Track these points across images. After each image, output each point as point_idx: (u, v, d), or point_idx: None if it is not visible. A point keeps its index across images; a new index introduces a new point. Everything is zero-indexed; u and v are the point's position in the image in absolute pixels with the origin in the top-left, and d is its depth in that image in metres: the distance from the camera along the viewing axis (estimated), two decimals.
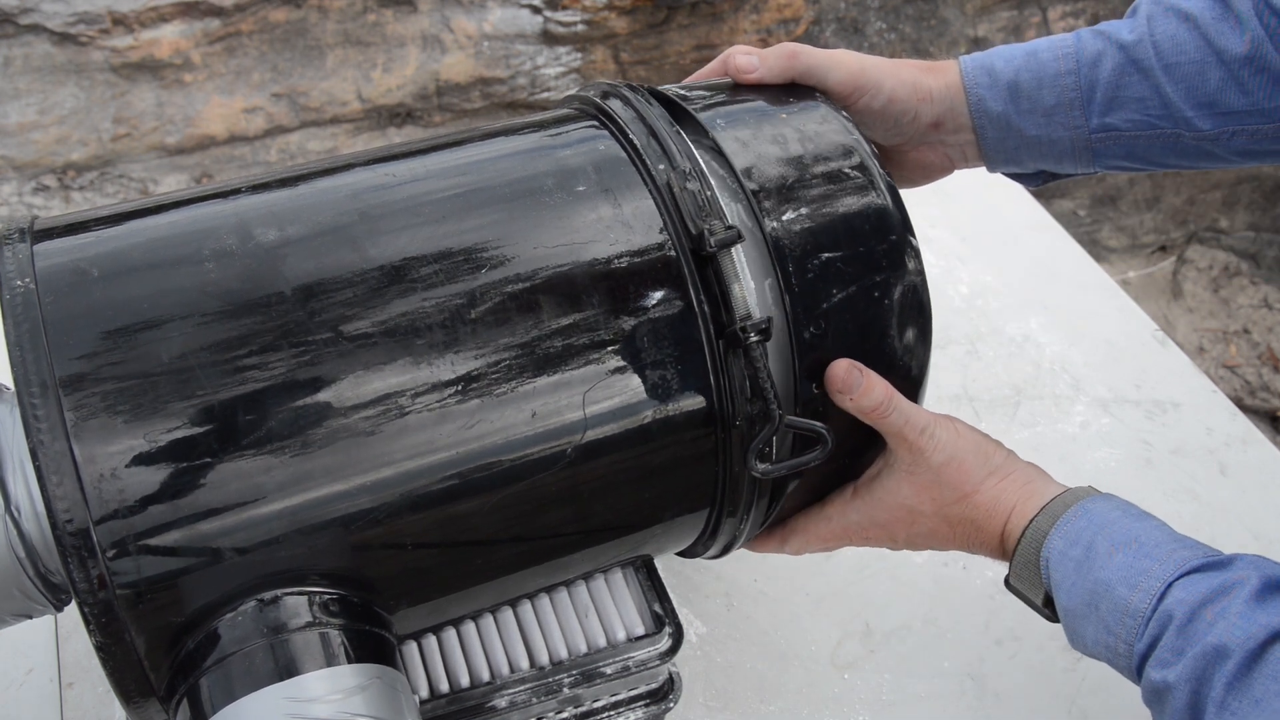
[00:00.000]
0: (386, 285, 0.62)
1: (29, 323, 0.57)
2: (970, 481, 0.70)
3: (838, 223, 0.67)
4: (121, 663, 0.57)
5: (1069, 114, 0.78)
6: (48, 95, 2.33)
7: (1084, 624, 0.64)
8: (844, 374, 0.67)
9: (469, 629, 0.75)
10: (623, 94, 0.74)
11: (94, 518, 0.55)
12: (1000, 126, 0.80)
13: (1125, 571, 0.62)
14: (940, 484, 0.70)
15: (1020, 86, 0.78)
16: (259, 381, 0.58)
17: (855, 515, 0.73)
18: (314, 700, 0.57)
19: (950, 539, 0.72)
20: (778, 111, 0.73)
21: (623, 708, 0.78)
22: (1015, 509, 0.69)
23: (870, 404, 0.67)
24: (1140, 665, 0.62)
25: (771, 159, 0.69)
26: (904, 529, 0.73)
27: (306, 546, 0.59)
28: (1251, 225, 2.68)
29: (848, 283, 0.67)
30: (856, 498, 0.73)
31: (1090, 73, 0.77)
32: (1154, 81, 0.76)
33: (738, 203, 0.68)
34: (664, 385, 0.65)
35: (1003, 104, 0.79)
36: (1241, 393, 2.40)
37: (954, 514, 0.71)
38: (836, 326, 0.67)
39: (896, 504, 0.72)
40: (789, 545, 0.77)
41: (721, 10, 2.57)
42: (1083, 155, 0.80)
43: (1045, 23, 2.76)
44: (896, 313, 0.68)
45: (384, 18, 2.46)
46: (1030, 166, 0.83)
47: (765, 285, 0.67)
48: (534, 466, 0.63)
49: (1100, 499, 0.67)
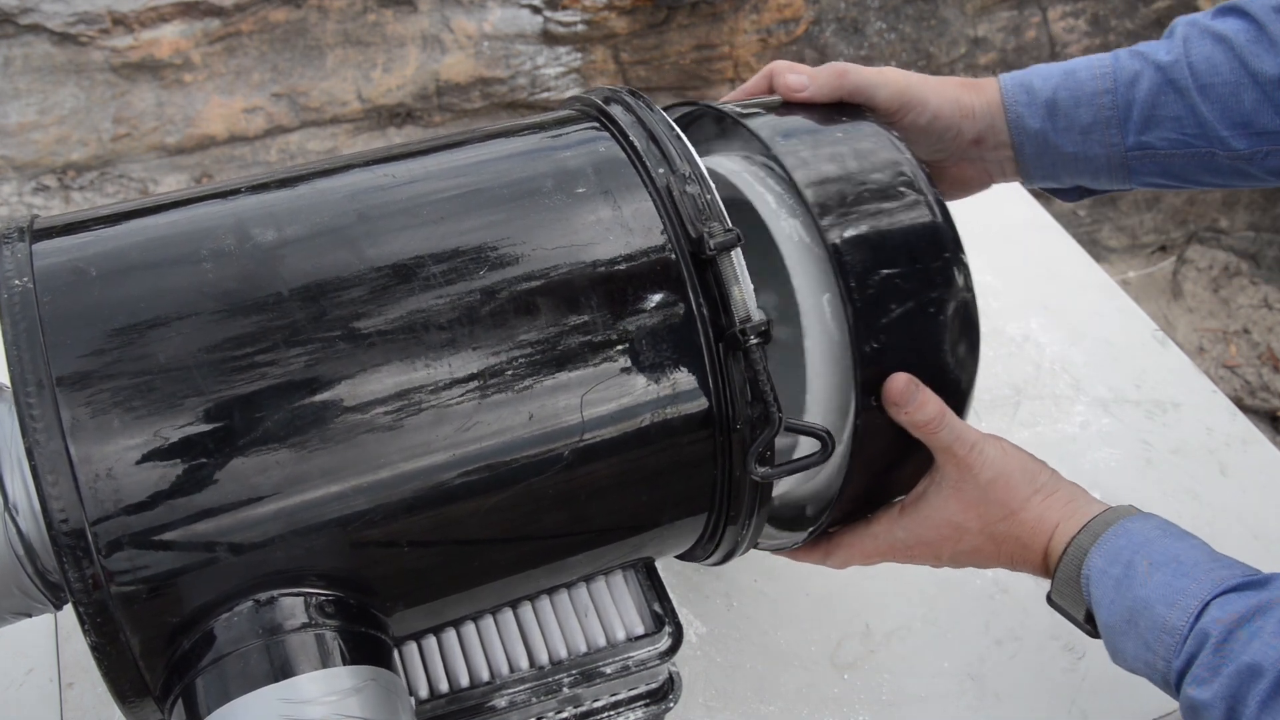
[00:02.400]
0: (385, 287, 0.62)
1: (26, 322, 0.57)
2: (1016, 499, 0.71)
3: (895, 239, 0.68)
4: (117, 662, 0.57)
5: (1105, 132, 0.79)
6: (48, 95, 2.33)
7: (1124, 640, 0.65)
8: (902, 388, 0.67)
9: (468, 629, 0.75)
10: (624, 99, 0.74)
11: (89, 517, 0.55)
12: (1038, 143, 0.81)
13: (1164, 590, 0.63)
14: (987, 501, 0.71)
15: (1058, 104, 0.80)
16: (256, 382, 0.58)
17: (901, 533, 0.74)
18: (309, 701, 0.57)
19: (994, 556, 0.73)
20: (832, 130, 0.73)
21: (623, 707, 0.78)
22: (1059, 527, 0.70)
23: (924, 418, 0.68)
24: (1178, 682, 0.63)
25: (830, 176, 0.69)
26: (949, 547, 0.73)
27: (303, 547, 0.59)
28: (1251, 225, 2.68)
29: (905, 299, 0.67)
30: (904, 515, 0.73)
31: (1127, 92, 0.79)
32: (1189, 101, 0.77)
33: (795, 218, 0.69)
34: (663, 388, 0.65)
35: (1040, 121, 0.80)
36: (1241, 393, 2.40)
37: (999, 531, 0.71)
38: (894, 341, 0.67)
39: (943, 521, 0.72)
40: (833, 559, 0.77)
41: (721, 10, 2.57)
42: (1118, 172, 0.81)
43: (1045, 23, 2.75)
44: (949, 329, 0.69)
45: (384, 18, 2.45)
46: (1067, 182, 0.85)
47: (824, 300, 0.68)
48: (531, 469, 0.63)
49: (1140, 518, 0.68)
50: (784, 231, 0.69)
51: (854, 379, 0.67)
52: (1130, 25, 2.80)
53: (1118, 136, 0.79)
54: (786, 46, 2.65)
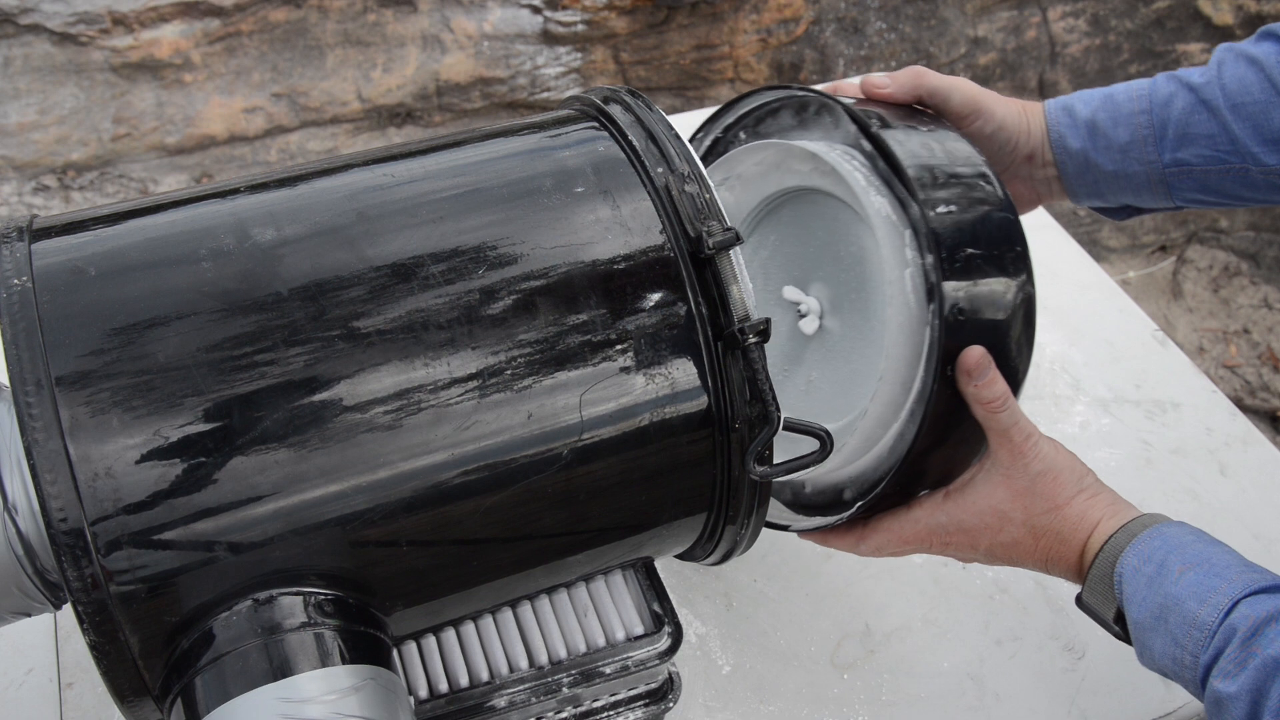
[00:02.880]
0: (384, 286, 0.62)
1: (25, 321, 0.57)
2: (1062, 495, 0.72)
3: (978, 224, 0.71)
4: (116, 662, 0.57)
5: (1143, 149, 0.84)
6: (48, 95, 2.33)
7: (1152, 636, 0.67)
8: (979, 358, 0.69)
9: (468, 629, 0.75)
10: (623, 98, 0.74)
11: (88, 517, 0.55)
12: (1079, 162, 0.86)
13: (1195, 588, 0.65)
14: (1034, 493, 0.72)
15: (1098, 125, 0.85)
16: (255, 381, 0.58)
17: (944, 517, 0.75)
18: (308, 700, 0.57)
19: (1031, 551, 0.74)
20: (917, 124, 0.77)
21: (622, 707, 0.78)
22: (1100, 525, 0.71)
23: (991, 395, 0.70)
24: (1204, 677, 0.64)
25: (923, 159, 0.73)
26: (988, 536, 0.74)
27: (302, 547, 0.59)
28: (1251, 225, 2.68)
29: (988, 275, 0.70)
30: (948, 500, 0.75)
31: (1162, 111, 0.83)
32: (1221, 120, 0.81)
33: (883, 196, 0.72)
34: (662, 387, 0.65)
35: (1081, 141, 0.85)
36: (1241, 393, 2.40)
37: (1041, 524, 0.72)
38: (979, 308, 0.70)
39: (988, 508, 0.73)
40: (866, 543, 0.77)
41: (721, 10, 2.57)
42: (1159, 189, 0.85)
43: (1045, 23, 2.75)
44: (1016, 316, 0.72)
45: (384, 18, 2.46)
46: (1113, 200, 0.89)
47: (906, 274, 0.70)
48: (530, 468, 0.63)
49: (1175, 524, 0.70)
50: (874, 206, 0.72)
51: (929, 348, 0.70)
52: (1130, 25, 2.80)
53: (1154, 154, 0.84)
54: (786, 46, 2.65)
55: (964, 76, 0.84)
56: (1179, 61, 2.83)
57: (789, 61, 2.67)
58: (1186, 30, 2.82)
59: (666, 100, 2.62)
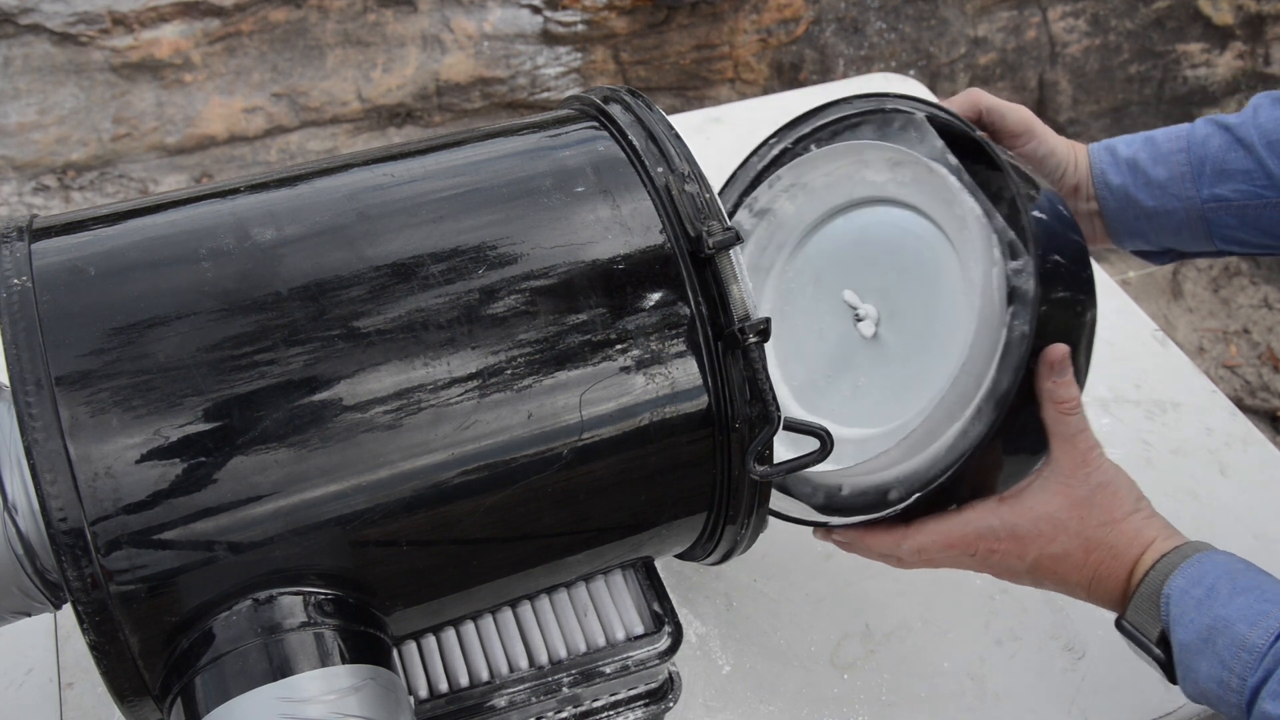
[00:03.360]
0: (384, 286, 0.62)
1: (25, 321, 0.57)
2: (1120, 510, 0.72)
3: (1061, 237, 0.74)
4: (116, 662, 0.57)
5: (1181, 185, 0.87)
6: (48, 95, 2.33)
7: (1198, 659, 0.67)
8: (1063, 356, 0.70)
9: (468, 628, 0.75)
10: (623, 98, 0.74)
11: (88, 516, 0.55)
12: (1120, 198, 0.89)
13: (1245, 611, 0.65)
14: (1091, 504, 0.72)
15: (1138, 163, 0.88)
16: (255, 381, 0.58)
17: (996, 521, 0.73)
18: (308, 700, 0.57)
19: (1079, 565, 0.73)
20: None
21: (622, 707, 0.78)
22: (1153, 544, 0.71)
23: (1068, 394, 0.71)
24: (1251, 700, 0.64)
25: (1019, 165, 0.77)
26: (1039, 546, 0.73)
27: (302, 546, 0.59)
28: None
29: (1065, 288, 0.72)
30: (1003, 503, 0.74)
31: (1200, 150, 0.87)
32: (1256, 156, 0.85)
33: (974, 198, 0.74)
34: (662, 387, 0.65)
35: (1122, 177, 0.89)
36: (1241, 393, 2.40)
37: (1095, 537, 0.72)
38: (1055, 317, 0.72)
39: (1043, 515, 0.72)
40: (909, 542, 0.76)
41: (721, 10, 2.57)
42: (1198, 226, 0.88)
43: (1045, 23, 2.75)
44: (1085, 332, 0.73)
45: (384, 18, 2.46)
46: (1155, 242, 0.91)
47: (994, 271, 0.72)
48: (530, 468, 0.63)
49: (1226, 553, 0.71)
50: (967, 205, 0.74)
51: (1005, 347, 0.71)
52: (1130, 25, 2.80)
53: (1192, 189, 0.87)
54: (786, 46, 2.66)
55: (964, 77, 0.85)
56: (1179, 61, 2.83)
57: (789, 61, 2.67)
58: (1186, 30, 2.83)
59: (666, 100, 2.62)
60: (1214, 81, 2.85)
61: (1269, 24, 2.82)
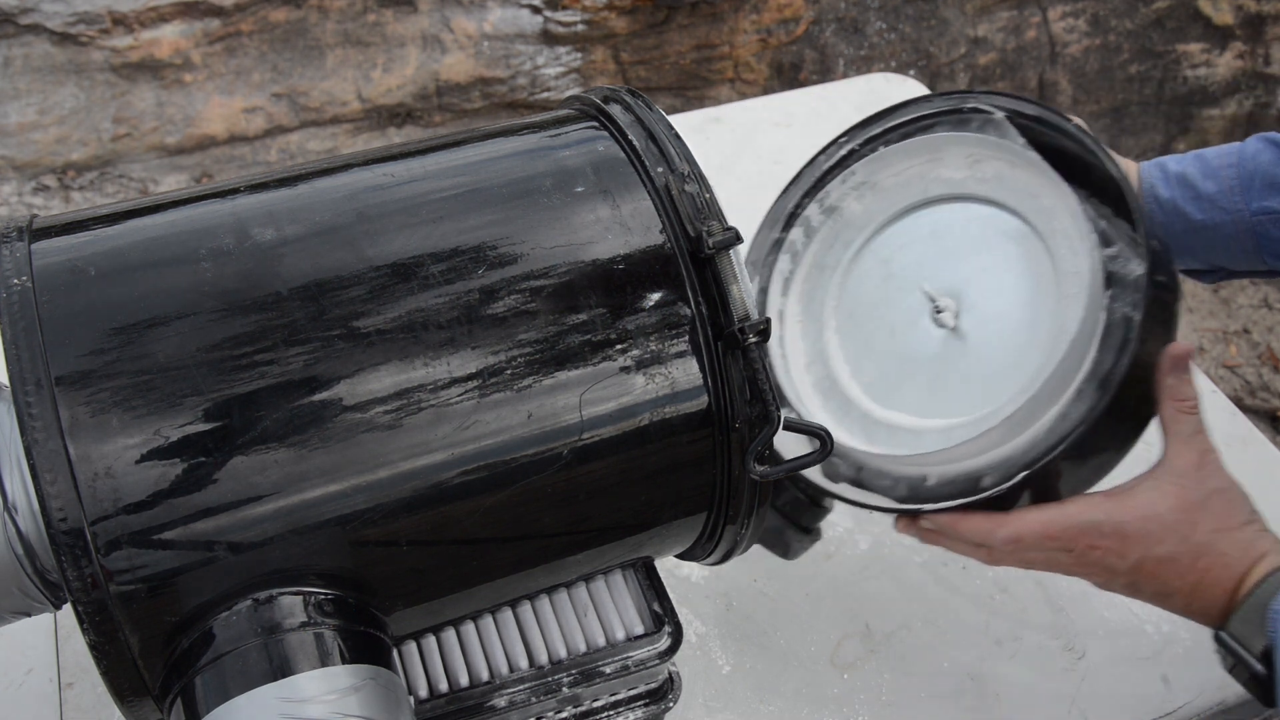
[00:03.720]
0: (383, 286, 0.62)
1: (25, 321, 0.57)
2: (1234, 518, 0.70)
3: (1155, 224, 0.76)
4: (116, 661, 0.57)
5: (1230, 198, 0.88)
6: (48, 95, 2.33)
7: None
8: (1187, 352, 0.70)
9: (468, 628, 0.75)
10: (623, 98, 0.74)
11: (88, 516, 0.55)
12: (1169, 211, 0.90)
13: None
14: (1204, 508, 0.70)
15: (1188, 177, 0.90)
16: (255, 381, 0.58)
17: (1100, 515, 0.70)
18: (308, 700, 0.57)
19: (1185, 572, 0.70)
20: None
21: (622, 707, 0.78)
22: (1266, 556, 0.69)
23: (1190, 392, 0.70)
24: None
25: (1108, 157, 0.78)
26: (1143, 547, 0.70)
27: (302, 546, 0.59)
28: None
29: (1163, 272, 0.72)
30: (1110, 498, 0.71)
31: (1250, 164, 0.88)
32: None
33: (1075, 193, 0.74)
34: (662, 387, 0.65)
35: (1171, 191, 0.90)
36: (1241, 393, 2.40)
37: (1205, 542, 0.69)
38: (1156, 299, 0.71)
39: (1152, 514, 0.70)
40: (1004, 530, 0.72)
41: (721, 10, 2.57)
42: (1247, 241, 0.89)
43: (1045, 23, 2.75)
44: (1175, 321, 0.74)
45: (384, 18, 2.46)
46: (1204, 259, 0.92)
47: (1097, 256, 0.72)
48: (530, 468, 0.63)
49: None
50: (1065, 195, 0.74)
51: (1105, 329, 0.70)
52: (1130, 25, 2.80)
53: (1241, 202, 0.88)
54: (786, 46, 2.66)
55: (964, 77, 0.85)
56: (1179, 61, 2.83)
57: (789, 61, 2.67)
58: (1186, 30, 2.83)
59: (666, 100, 2.62)
60: (1214, 81, 2.85)
61: (1269, 24, 2.82)
